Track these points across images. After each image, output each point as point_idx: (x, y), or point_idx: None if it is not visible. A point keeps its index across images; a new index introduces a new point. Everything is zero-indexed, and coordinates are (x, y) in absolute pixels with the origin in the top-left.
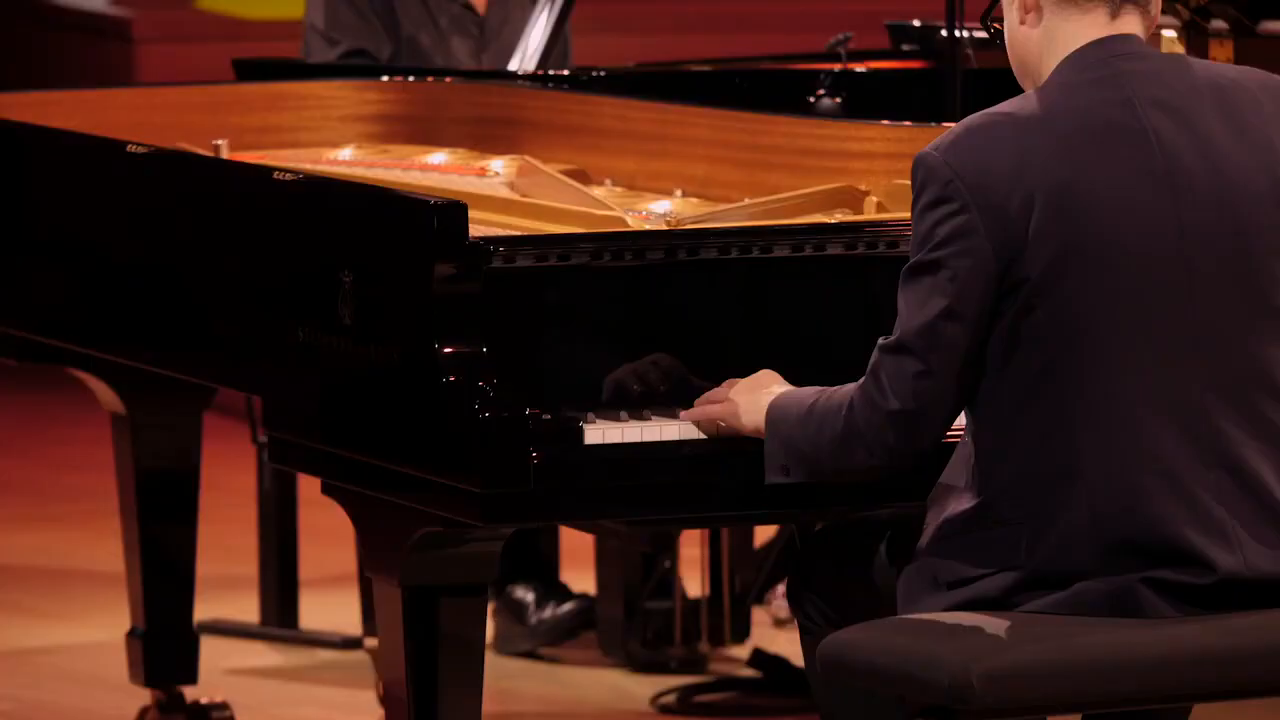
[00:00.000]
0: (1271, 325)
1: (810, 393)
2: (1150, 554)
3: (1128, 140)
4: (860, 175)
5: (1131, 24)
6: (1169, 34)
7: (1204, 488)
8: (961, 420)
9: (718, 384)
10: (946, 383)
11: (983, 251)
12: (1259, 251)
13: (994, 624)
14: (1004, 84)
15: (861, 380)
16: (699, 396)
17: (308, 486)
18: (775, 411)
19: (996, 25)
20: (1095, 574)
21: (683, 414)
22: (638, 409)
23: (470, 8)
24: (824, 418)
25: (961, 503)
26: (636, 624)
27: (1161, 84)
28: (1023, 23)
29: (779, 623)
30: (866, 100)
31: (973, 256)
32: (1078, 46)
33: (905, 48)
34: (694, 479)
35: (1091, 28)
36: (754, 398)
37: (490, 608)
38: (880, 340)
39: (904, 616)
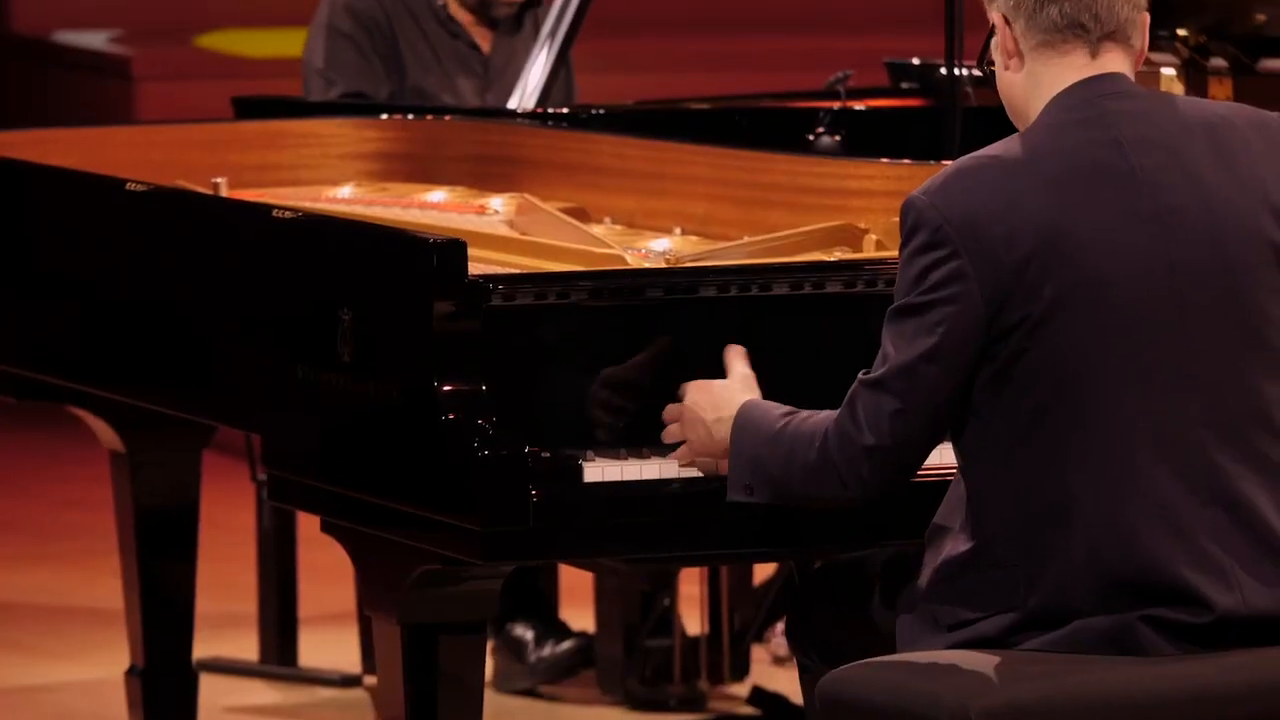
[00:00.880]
0: (1265, 361)
1: (777, 411)
2: (1147, 594)
3: (1115, 180)
4: (859, 213)
5: (1115, 61)
6: (1168, 72)
7: (1200, 526)
8: (952, 459)
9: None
10: (923, 423)
11: (972, 297)
12: (1250, 289)
13: (992, 662)
14: (1003, 122)
15: (838, 411)
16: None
17: (307, 524)
18: (741, 427)
19: (990, 67)
20: (1093, 613)
21: (675, 456)
22: (637, 447)
23: (475, 47)
24: (795, 444)
25: (958, 545)
26: (636, 662)
27: (1149, 122)
28: (1006, 68)
29: (778, 660)
30: (866, 138)
31: (961, 303)
32: (1063, 87)
33: (904, 86)
34: (693, 517)
35: (1073, 69)
36: (713, 424)
37: (489, 645)
38: (861, 374)
39: (902, 655)
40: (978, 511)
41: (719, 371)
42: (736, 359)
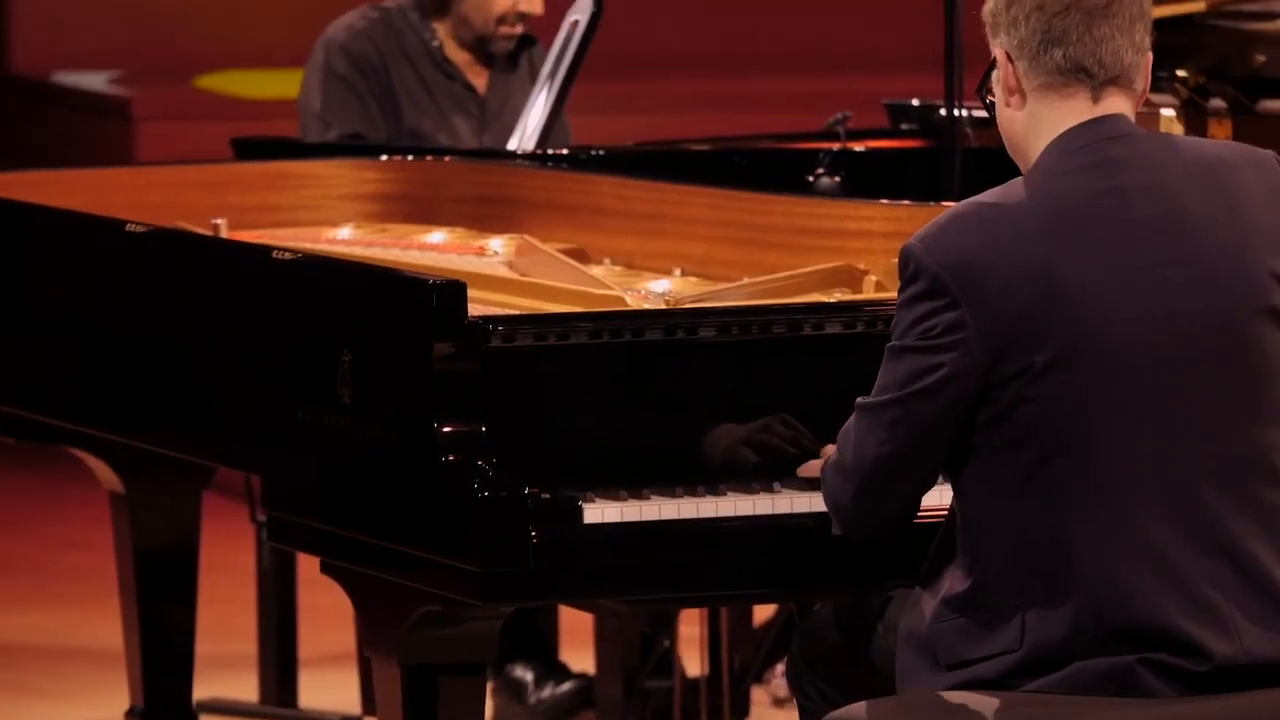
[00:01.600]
0: (1265, 410)
1: None
2: (1146, 643)
3: (1116, 230)
4: (859, 254)
5: (1117, 104)
6: (1168, 113)
7: (1200, 575)
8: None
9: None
10: (909, 461)
11: (969, 346)
12: (1250, 338)
13: (991, 703)
14: (1003, 164)
15: (839, 438)
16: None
17: (307, 565)
18: None
19: (990, 98)
20: (1092, 656)
21: (801, 469)
22: (637, 488)
23: (471, 88)
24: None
25: (956, 582)
26: (635, 703)
27: (1150, 169)
28: (1007, 104)
29: (778, 702)
30: (865, 179)
31: (959, 350)
32: (1063, 130)
33: (904, 127)
34: (693, 558)
35: (1074, 112)
36: None
37: (489, 687)
38: (859, 399)
39: (903, 696)
40: (976, 549)
41: (718, 414)
42: None
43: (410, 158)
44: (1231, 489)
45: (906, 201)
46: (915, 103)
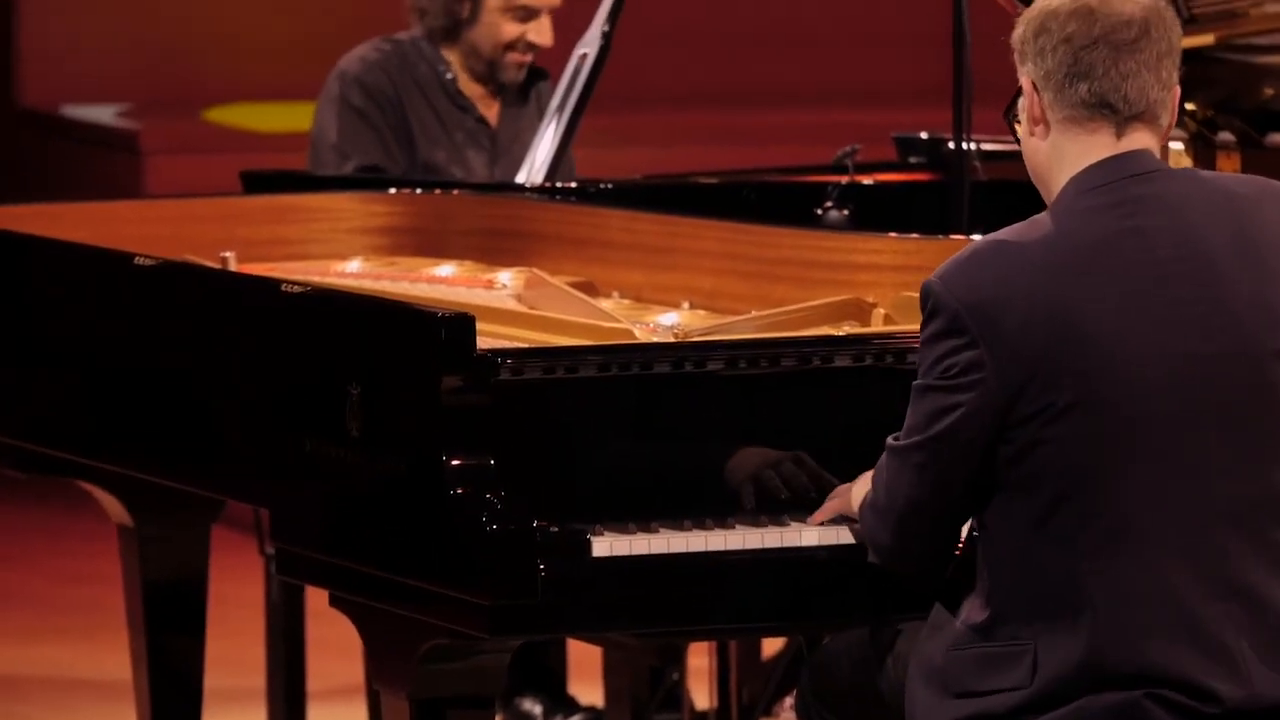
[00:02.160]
0: None
1: None
2: (1156, 684)
3: (1136, 270)
4: (867, 288)
5: (1141, 139)
6: (1176, 146)
7: (1213, 619)
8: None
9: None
10: (938, 501)
11: (989, 385)
12: (1270, 379)
13: None
14: (1011, 196)
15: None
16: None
17: (315, 599)
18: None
19: (1016, 122)
20: (1099, 693)
21: (813, 517)
22: (646, 521)
23: (484, 121)
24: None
25: (974, 613)
26: None
27: (1170, 208)
28: (1031, 133)
29: None
30: (874, 212)
31: (978, 389)
32: (1086, 164)
33: (912, 160)
34: (702, 591)
35: (1098, 147)
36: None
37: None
38: (890, 438)
39: None
40: (994, 582)
41: (727, 447)
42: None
43: (419, 191)
44: (1246, 532)
45: (915, 235)
46: (924, 136)
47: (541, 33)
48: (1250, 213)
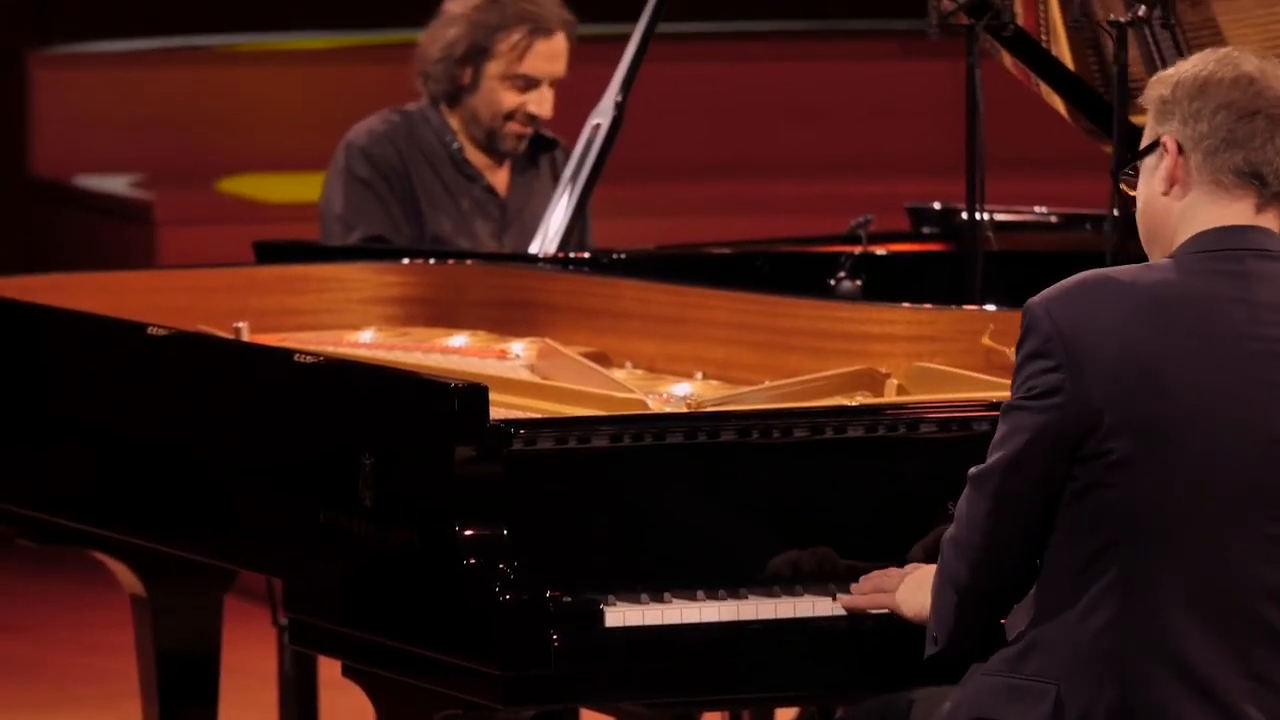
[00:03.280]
0: None
1: None
2: None
3: (1235, 340)
4: (881, 358)
5: (1272, 219)
6: None
7: (1239, 694)
8: None
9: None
10: (1012, 523)
11: (1066, 411)
12: None
13: None
14: (1025, 266)
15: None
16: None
17: (328, 669)
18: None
19: (1128, 177)
20: None
21: (845, 600)
22: (659, 591)
23: (492, 190)
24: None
25: (1015, 641)
26: None
27: None
28: (1165, 193)
29: None
30: (887, 283)
31: (1054, 414)
32: (1215, 227)
33: (926, 230)
34: (715, 661)
35: (1235, 215)
36: (918, 594)
37: None
38: (971, 470)
39: None
40: (1037, 612)
41: (740, 517)
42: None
43: (432, 261)
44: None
45: (928, 305)
46: (937, 206)
47: (541, 104)
48: None
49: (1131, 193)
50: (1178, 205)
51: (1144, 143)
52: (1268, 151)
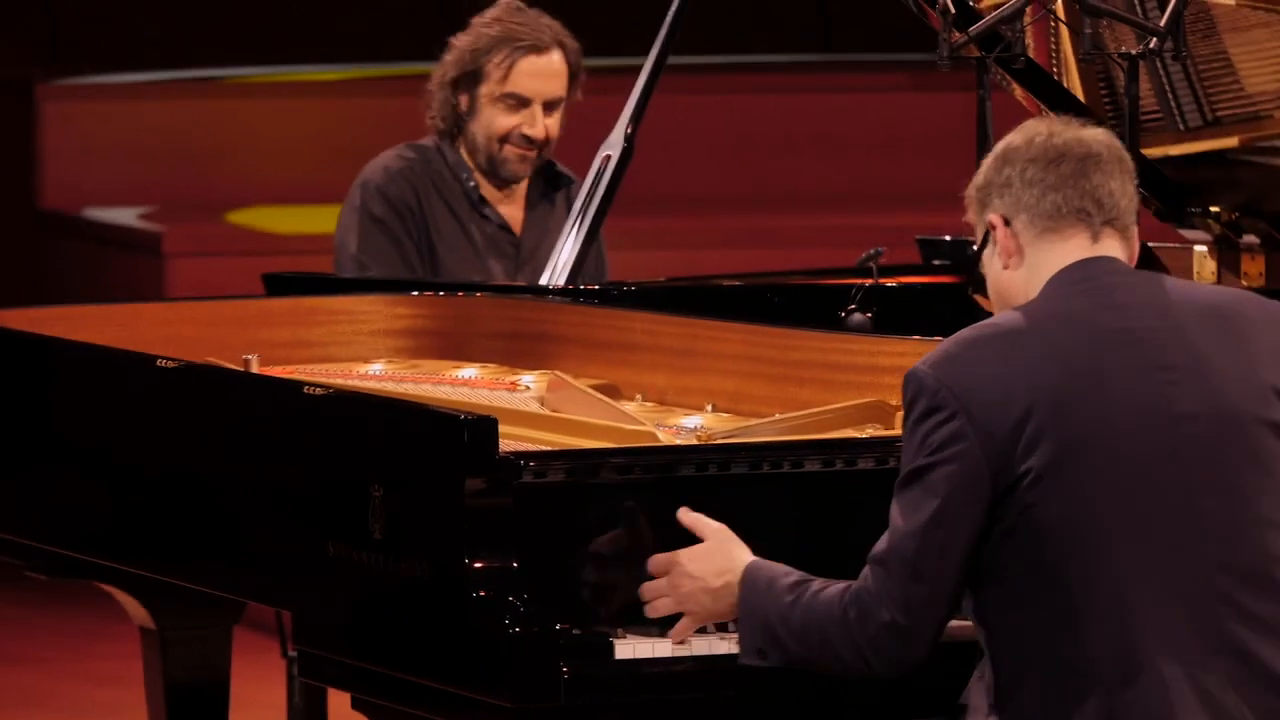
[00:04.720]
0: (1269, 511)
1: (787, 580)
2: None
3: (1115, 338)
4: (891, 390)
5: (1113, 247)
6: (1200, 249)
7: (1214, 678)
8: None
9: None
10: (937, 590)
11: (973, 456)
12: (1254, 444)
13: None
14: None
15: (856, 586)
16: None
17: (338, 701)
18: (749, 590)
19: (978, 285)
20: None
21: (673, 634)
22: (669, 623)
23: (506, 228)
24: (811, 616)
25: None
26: None
27: (1149, 294)
28: (1006, 267)
29: None
30: (897, 315)
31: (962, 461)
32: (1061, 268)
33: (936, 262)
34: (724, 694)
35: (1074, 251)
36: (718, 589)
37: None
38: (872, 551)
39: None
40: (999, 678)
41: (751, 549)
42: (696, 518)
43: (441, 293)
44: (1239, 589)
45: (939, 337)
46: (947, 238)
47: (534, 124)
48: (1236, 317)
49: (985, 302)
50: (1021, 271)
51: (977, 243)
52: (1084, 186)
